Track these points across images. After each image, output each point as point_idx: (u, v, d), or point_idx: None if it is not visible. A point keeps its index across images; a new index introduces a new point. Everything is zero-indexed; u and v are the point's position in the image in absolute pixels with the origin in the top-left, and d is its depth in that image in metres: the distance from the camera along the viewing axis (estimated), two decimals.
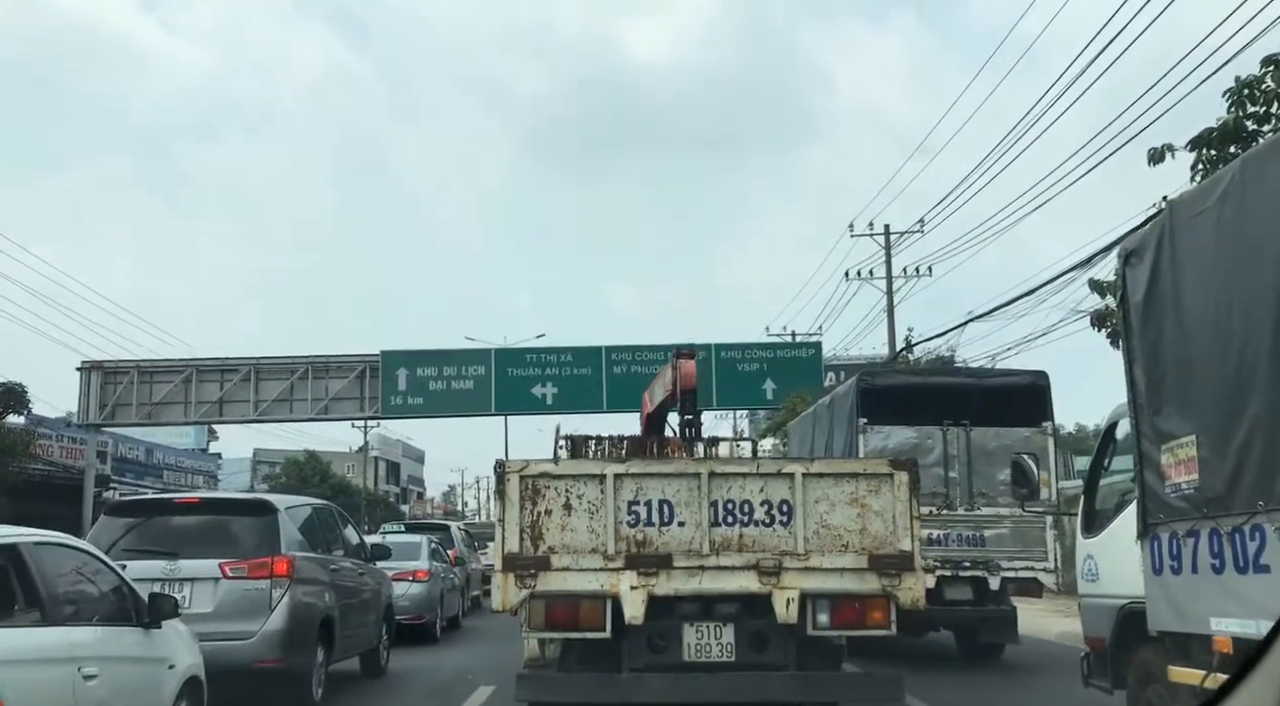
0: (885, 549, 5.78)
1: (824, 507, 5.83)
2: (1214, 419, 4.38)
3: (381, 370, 27.44)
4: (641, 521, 5.83)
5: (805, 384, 24.65)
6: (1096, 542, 6.34)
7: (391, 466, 74.12)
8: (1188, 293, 4.61)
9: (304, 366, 27.91)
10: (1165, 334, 4.80)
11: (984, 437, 10.14)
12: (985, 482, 9.99)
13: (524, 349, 28.54)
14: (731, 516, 5.81)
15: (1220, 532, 4.27)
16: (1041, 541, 9.86)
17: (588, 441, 8.47)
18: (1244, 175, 4.20)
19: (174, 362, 28.76)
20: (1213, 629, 4.37)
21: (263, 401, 28.00)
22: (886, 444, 9.98)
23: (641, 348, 27.61)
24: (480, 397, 27.54)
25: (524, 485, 5.81)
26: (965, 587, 9.88)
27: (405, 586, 12.49)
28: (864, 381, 10.70)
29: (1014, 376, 10.94)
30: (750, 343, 28.66)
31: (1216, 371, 4.34)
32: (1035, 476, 7.39)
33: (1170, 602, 4.76)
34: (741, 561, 5.77)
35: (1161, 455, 4.79)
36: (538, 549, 5.77)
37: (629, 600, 5.71)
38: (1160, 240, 4.82)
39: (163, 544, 7.32)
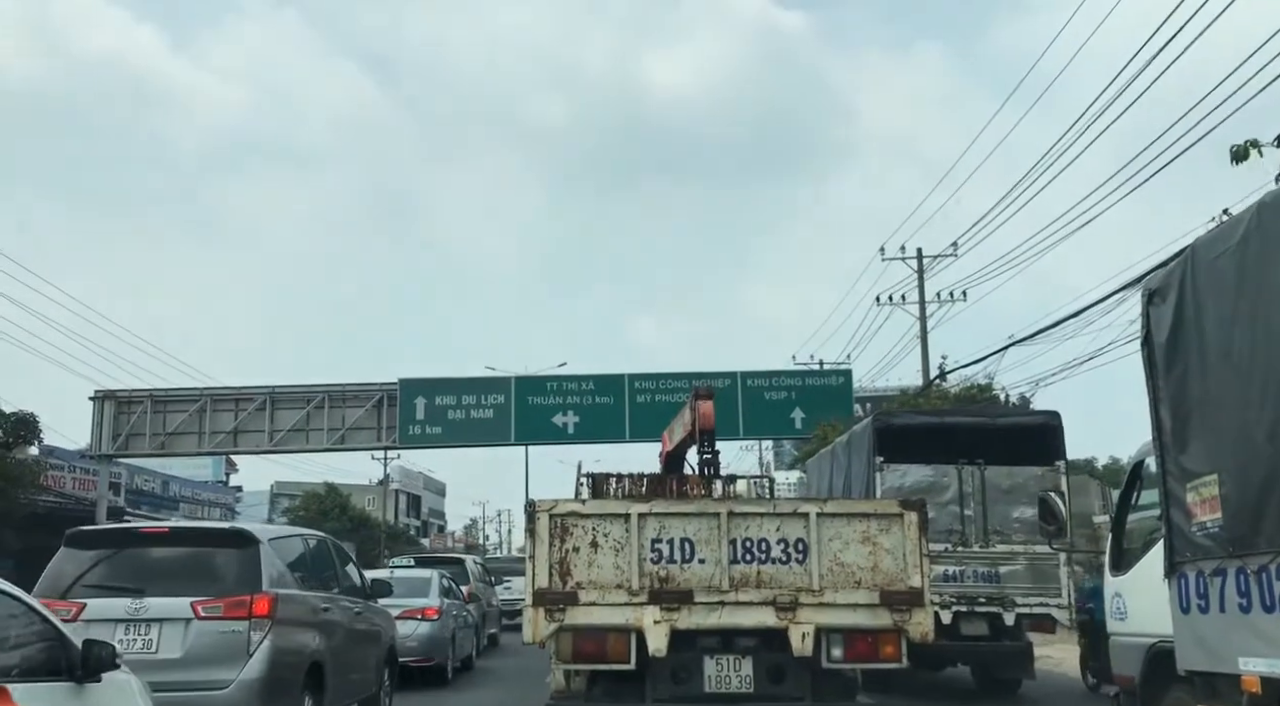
0: (896, 585, 6.28)
1: (838, 545, 6.35)
2: (1236, 458, 4.63)
3: (400, 399, 28.07)
4: (664, 558, 6.36)
5: (836, 413, 25.02)
6: (1125, 580, 6.65)
7: (412, 499, 76.95)
8: (1210, 332, 4.89)
9: (320, 395, 28.63)
10: (1189, 373, 5.08)
11: (998, 476, 10.76)
12: (1000, 520, 10.62)
13: (544, 377, 29.16)
14: (750, 554, 6.33)
15: (1246, 571, 4.49)
16: (1055, 578, 10.40)
17: (609, 479, 9.05)
18: (1261, 218, 4.53)
19: (188, 392, 29.62)
20: (1241, 669, 4.54)
21: (278, 431, 28.70)
22: (903, 482, 10.60)
23: (665, 376, 28.19)
24: (500, 427, 28.10)
25: (553, 523, 6.36)
26: (981, 623, 10.42)
27: (413, 625, 12.26)
28: (880, 421, 11.46)
29: (1027, 416, 11.79)
30: (778, 371, 29.16)
31: (1238, 410, 4.60)
32: (1063, 514, 7.91)
33: (1198, 642, 4.96)
34: (759, 597, 6.27)
35: (1187, 493, 5.05)
36: (566, 584, 6.34)
37: (653, 633, 6.22)
38: (1183, 280, 5.13)
39: (128, 579, 6.78)
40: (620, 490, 9.25)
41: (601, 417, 27.76)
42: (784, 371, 29.44)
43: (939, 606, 10.00)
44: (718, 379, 27.77)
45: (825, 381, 28.31)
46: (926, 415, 12.99)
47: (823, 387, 27.81)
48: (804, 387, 27.89)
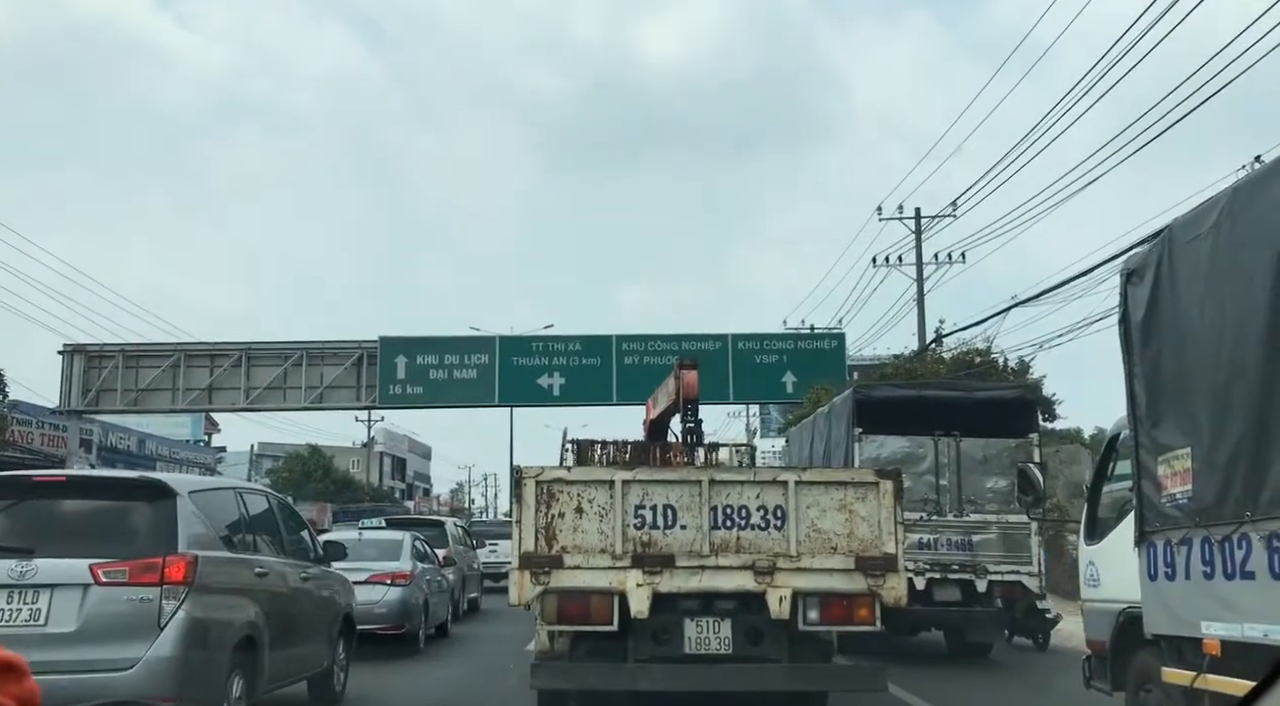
0: (871, 551, 6.96)
1: (815, 513, 7.01)
2: (1206, 432, 5.09)
3: (380, 357, 28.58)
4: (647, 524, 7.02)
5: (828, 377, 25.67)
6: (1098, 549, 7.23)
7: (398, 462, 79.11)
8: (1184, 312, 5.34)
9: (298, 352, 29.13)
10: (1163, 351, 5.56)
11: (973, 448, 11.65)
12: (974, 490, 11.53)
13: (530, 337, 29.63)
14: (730, 520, 6.99)
15: (1211, 541, 4.96)
16: (1026, 546, 11.35)
17: (593, 446, 9.71)
18: (1234, 203, 4.91)
19: (161, 347, 30.04)
20: (1203, 632, 5.04)
21: (254, 388, 29.20)
22: (880, 452, 11.52)
23: (654, 337, 28.78)
24: (483, 388, 28.69)
25: (539, 490, 7.00)
26: (954, 589, 11.34)
27: (383, 591, 12.17)
28: (859, 393, 12.38)
29: (1003, 390, 12.77)
30: (769, 333, 29.89)
31: (1208, 388, 5.06)
32: (1040, 485, 8.66)
33: (1164, 607, 5.47)
34: (739, 562, 6.95)
35: (1158, 466, 5.55)
36: (552, 548, 6.98)
37: (635, 596, 6.89)
38: (1160, 261, 5.57)
39: (16, 537, 6.00)
40: (605, 457, 9.94)
41: (588, 380, 28.37)
42: (775, 334, 30.15)
43: (913, 573, 10.92)
44: (707, 341, 28.43)
45: (818, 345, 28.96)
46: (905, 388, 13.95)
47: (815, 351, 28.48)
48: (796, 351, 28.57)
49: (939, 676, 10.85)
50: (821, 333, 30.01)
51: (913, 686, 9.52)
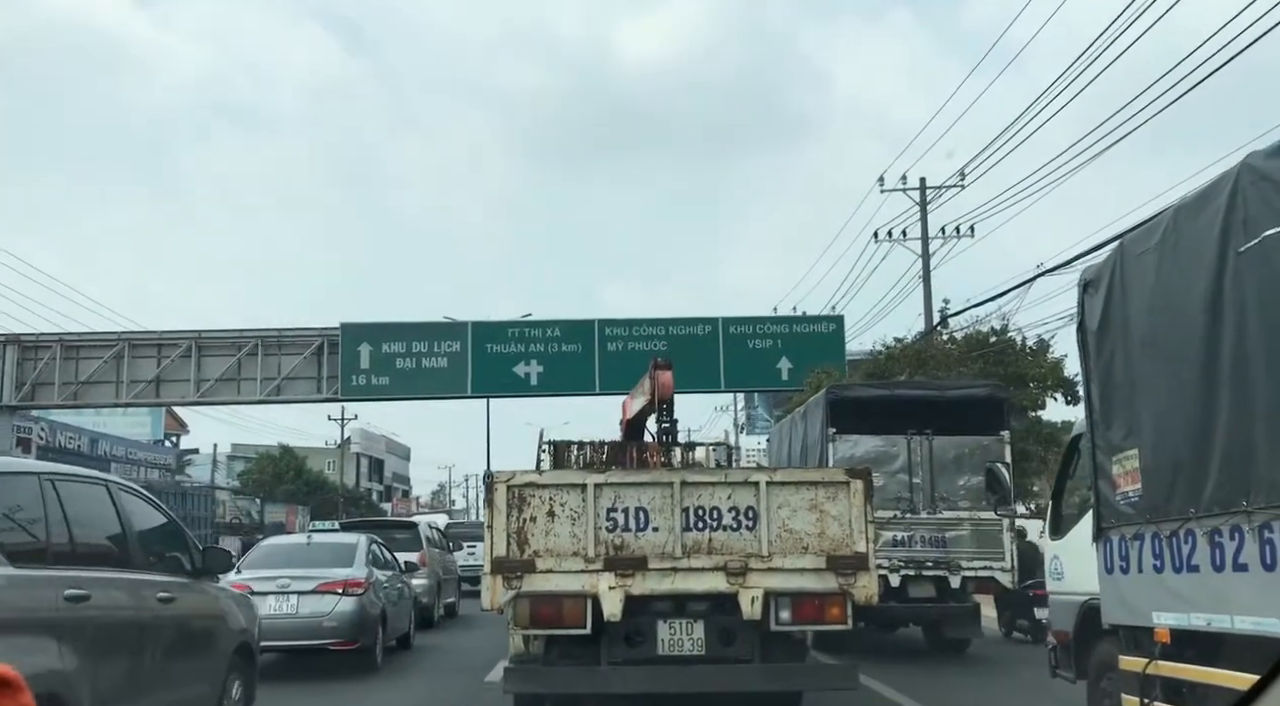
0: (842, 550, 7.75)
1: (786, 513, 7.80)
2: (1153, 435, 5.99)
3: (341, 345, 29.27)
4: (619, 527, 7.80)
5: (827, 362, 26.46)
6: (1062, 544, 8.26)
7: (375, 463, 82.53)
8: (1133, 321, 6.24)
9: (252, 341, 29.79)
10: (1114, 357, 6.48)
11: (945, 446, 12.89)
12: (947, 488, 12.72)
13: (505, 323, 30.26)
14: (702, 522, 7.77)
15: (1160, 536, 5.84)
16: (999, 543, 12.49)
17: (570, 447, 10.51)
18: (1176, 221, 5.77)
19: (103, 336, 30.60)
20: (1154, 622, 5.92)
21: (205, 381, 29.89)
22: (854, 451, 12.66)
23: (640, 322, 29.58)
24: (455, 378, 29.42)
25: (511, 494, 7.77)
26: (928, 586, 12.54)
27: (332, 601, 12.11)
28: (833, 393, 13.67)
29: (974, 388, 14.01)
30: (763, 317, 30.69)
31: (1155, 393, 5.96)
32: (1008, 482, 9.71)
33: (1120, 599, 6.40)
34: (710, 563, 7.72)
35: (1112, 465, 6.47)
36: (524, 553, 7.74)
37: (608, 599, 7.67)
38: (1113, 273, 6.47)
39: None
40: (581, 458, 10.73)
41: (569, 368, 29.10)
42: (770, 318, 30.93)
43: (888, 570, 12.08)
44: (697, 326, 29.23)
45: (815, 328, 29.73)
46: (878, 387, 15.30)
47: (812, 336, 29.28)
48: (792, 335, 29.39)
49: (916, 671, 12.00)
50: (819, 316, 30.69)
51: (890, 681, 10.64)
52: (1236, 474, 5.14)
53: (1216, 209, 5.31)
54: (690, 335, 29.12)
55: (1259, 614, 5.02)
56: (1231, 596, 5.22)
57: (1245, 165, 5.15)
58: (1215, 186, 5.43)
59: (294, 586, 12.20)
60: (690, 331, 29.16)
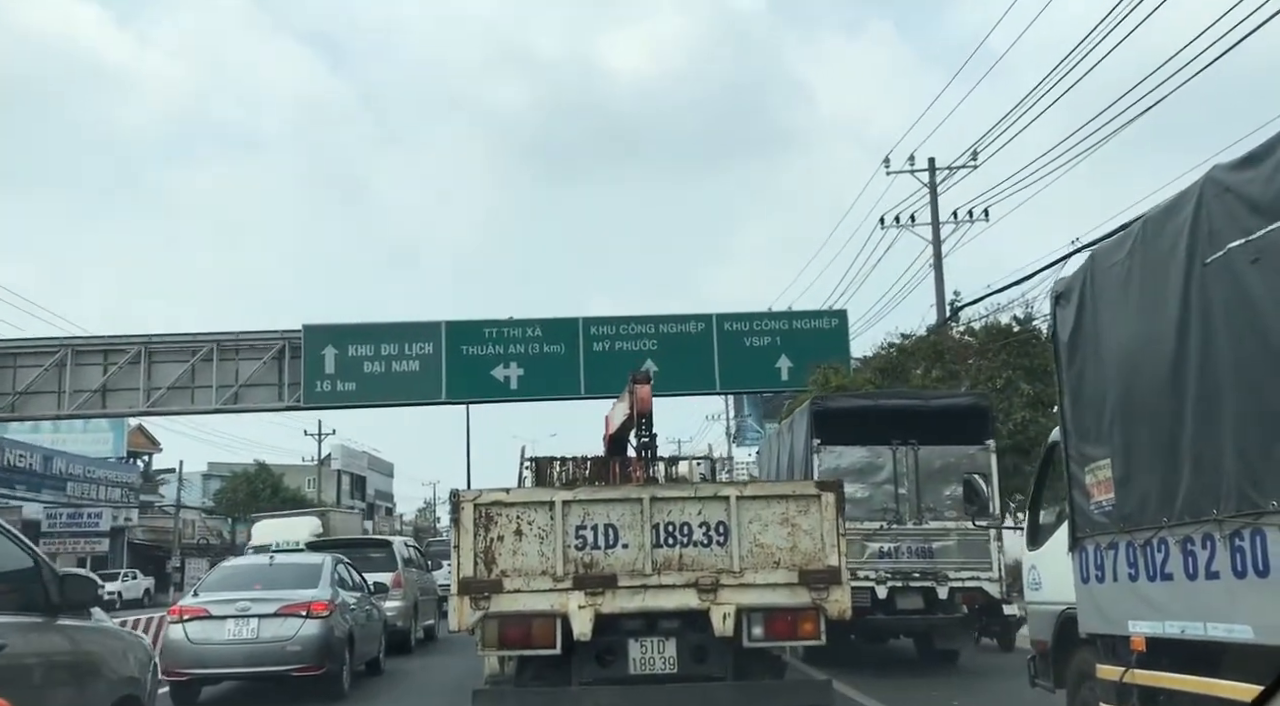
0: (814, 564, 8.38)
1: (757, 527, 8.43)
2: (1124, 444, 6.53)
3: (304, 349, 29.90)
4: (588, 544, 8.42)
5: (830, 359, 27.14)
6: (1039, 554, 8.90)
7: (356, 480, 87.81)
8: (1104, 333, 6.81)
9: (207, 345, 30.38)
10: (1086, 368, 7.08)
11: (930, 456, 13.84)
12: (933, 498, 13.63)
13: (481, 322, 30.81)
14: (672, 538, 8.40)
15: (1134, 545, 6.38)
16: (986, 553, 13.40)
17: (552, 463, 11.16)
18: (1145, 233, 6.34)
19: (44, 342, 31.19)
20: (1130, 631, 6.44)
21: (156, 389, 30.48)
22: (839, 463, 13.59)
23: (627, 320, 30.27)
24: (428, 382, 30.06)
25: (478, 513, 8.39)
26: (916, 597, 13.41)
27: (296, 625, 12.48)
28: (817, 404, 14.69)
29: (958, 398, 15.16)
30: (760, 312, 31.37)
31: (1125, 403, 6.51)
32: (985, 494, 10.63)
33: (1096, 608, 6.97)
34: (682, 579, 8.35)
35: (1085, 475, 7.07)
36: (491, 572, 8.36)
37: (577, 618, 8.28)
38: (1084, 285, 7.07)
39: None
40: (564, 474, 11.39)
41: (551, 370, 29.78)
42: (768, 313, 31.60)
43: (875, 581, 13.01)
44: (689, 323, 29.92)
45: (816, 324, 30.40)
46: (862, 398, 16.43)
47: (813, 332, 29.96)
48: (791, 332, 30.07)
49: (902, 682, 12.86)
50: (820, 310, 31.30)
51: (879, 693, 11.44)
52: (1207, 482, 5.62)
53: (1183, 221, 5.84)
54: (682, 334, 29.80)
55: (1231, 620, 5.49)
56: (1204, 604, 5.71)
57: (1209, 178, 5.62)
58: (1181, 199, 5.95)
59: (254, 609, 12.59)
60: (682, 329, 29.85)
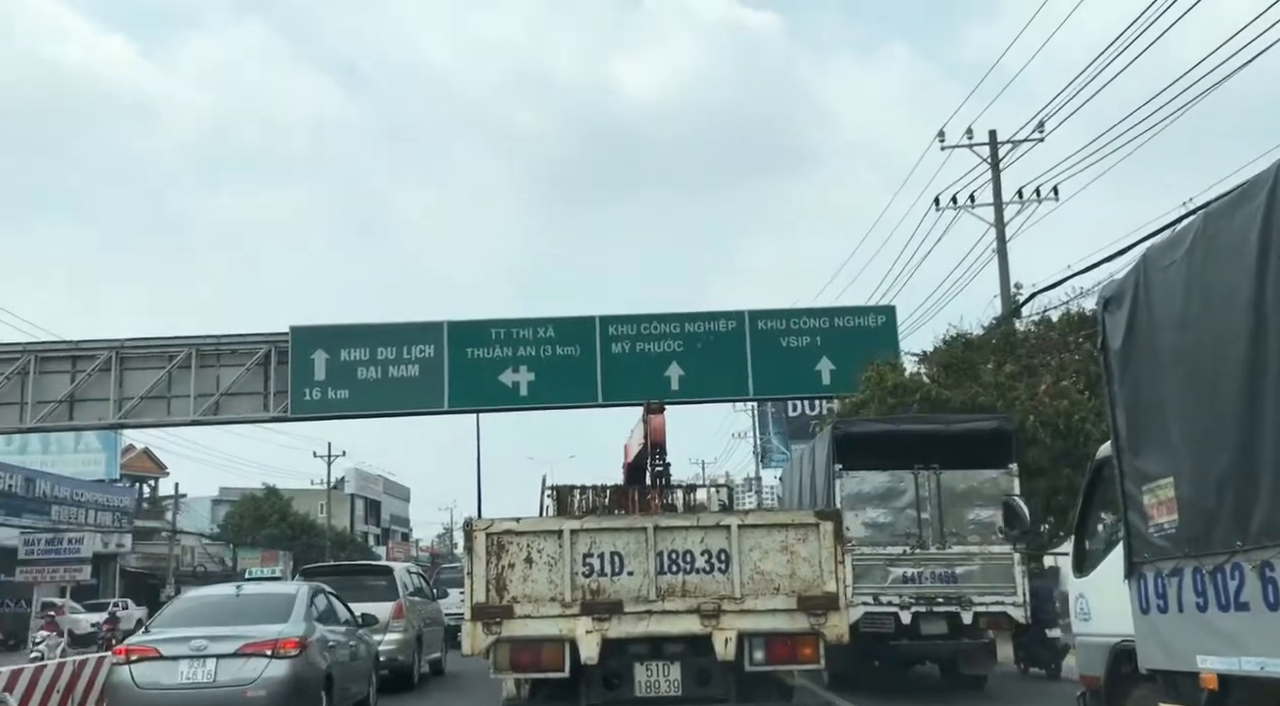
0: (813, 591, 10.70)
1: (757, 555, 10.78)
2: (1190, 460, 6.78)
3: (291, 353, 32.05)
4: (595, 572, 10.80)
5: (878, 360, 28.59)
6: (1088, 582, 9.75)
7: (371, 505, 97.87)
8: (1162, 339, 7.16)
9: (185, 350, 32.64)
10: (1143, 378, 7.47)
11: (953, 480, 16.24)
12: (955, 522, 15.98)
13: (488, 322, 32.81)
14: (676, 565, 10.77)
15: (1202, 571, 6.62)
16: (1010, 577, 15.69)
17: (573, 491, 13.57)
18: (1206, 229, 6.72)
19: (4, 348, 33.37)
20: (1199, 666, 6.62)
21: (128, 398, 32.67)
22: (861, 488, 16.09)
23: (649, 318, 32.34)
24: (428, 389, 32.10)
25: (490, 541, 10.79)
26: (940, 622, 15.70)
27: (260, 665, 12.69)
28: (838, 429, 17.16)
29: (981, 422, 17.50)
30: (798, 309, 33.28)
31: (1190, 415, 6.79)
32: (1026, 516, 12.33)
33: (1158, 641, 7.27)
34: (685, 606, 10.70)
35: (1143, 495, 7.45)
36: (502, 598, 10.74)
37: (585, 643, 10.64)
38: (1137, 287, 7.50)
39: None
40: (585, 502, 13.78)
41: (565, 374, 31.81)
42: (806, 309, 33.39)
43: (899, 607, 15.40)
44: (719, 321, 32.05)
45: (861, 321, 32.25)
46: (884, 422, 18.99)
47: (858, 330, 31.83)
48: (833, 331, 31.97)
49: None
50: (866, 306, 33.17)
51: None
52: None
53: (1254, 211, 6.21)
54: (711, 333, 31.81)
55: None
56: None
57: None
58: (1252, 187, 6.34)
59: (212, 648, 12.80)
60: (710, 328, 31.86)
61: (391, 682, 19.01)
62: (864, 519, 15.97)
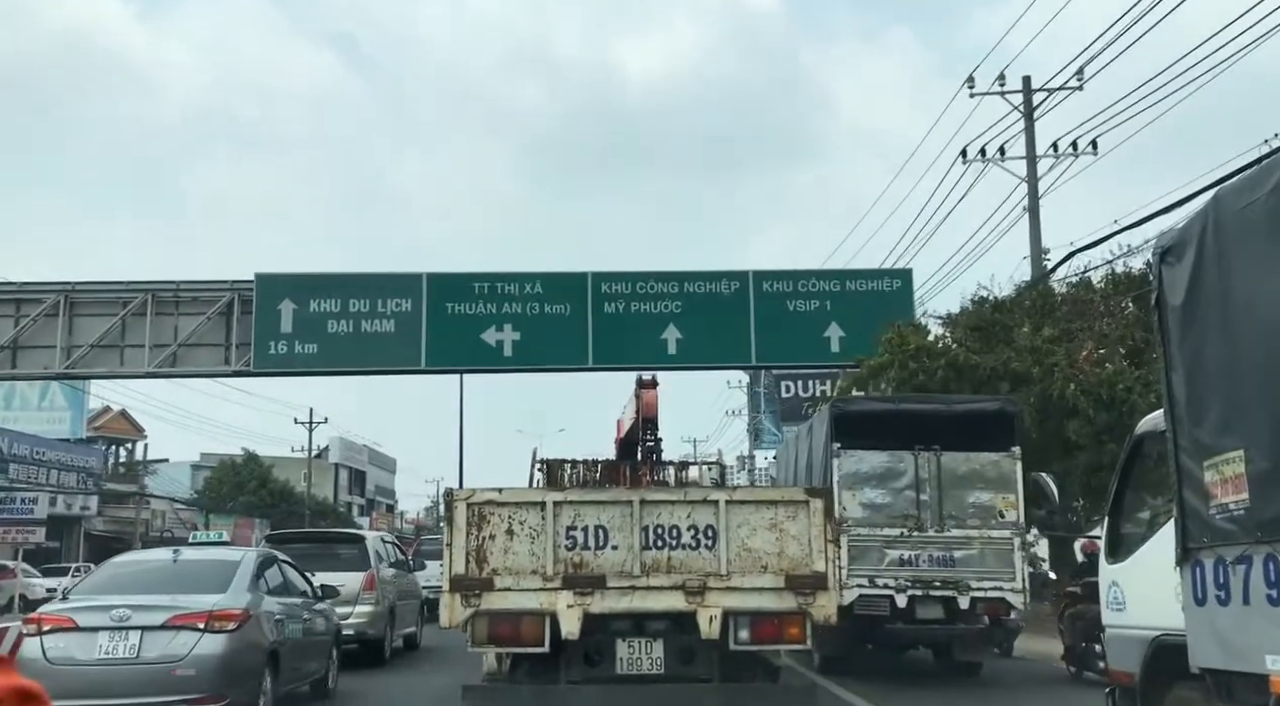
0: (801, 570, 11.40)
1: (745, 532, 11.48)
2: (1266, 431, 6.45)
3: (256, 302, 32.51)
4: (578, 545, 11.49)
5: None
6: (1123, 568, 9.61)
7: (356, 475, 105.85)
8: (1236, 291, 6.79)
9: (140, 296, 33.11)
10: (1209, 337, 7.13)
11: (954, 462, 17.31)
12: (955, 505, 16.95)
13: (470, 275, 33.35)
14: (661, 540, 11.46)
15: (1276, 558, 6.32)
16: (1010, 562, 16.68)
17: (563, 465, 14.29)
18: None
19: None
20: (1269, 668, 6.30)
21: (77, 347, 33.09)
22: (859, 467, 17.09)
23: (645, 275, 32.94)
24: (405, 346, 32.60)
25: (470, 512, 11.49)
26: (936, 607, 16.70)
27: (189, 640, 12.34)
28: (837, 408, 18.19)
29: (983, 402, 18.60)
30: (807, 270, 33.82)
31: (1266, 377, 6.45)
32: (1055, 496, 12.55)
33: (1217, 637, 6.94)
34: (669, 582, 11.40)
35: (1205, 472, 7.12)
36: (482, 570, 11.44)
37: (565, 617, 11.33)
38: (1203, 235, 7.15)
39: None
40: (575, 476, 14.46)
41: (553, 334, 32.38)
42: (816, 271, 34.02)
43: (895, 590, 16.38)
44: (721, 281, 32.71)
45: (875, 285, 32.86)
46: (884, 401, 20.11)
47: (872, 295, 32.46)
48: (844, 294, 32.59)
49: (919, 695, 16.46)
50: (880, 269, 33.84)
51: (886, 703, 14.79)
52: None
53: None
54: (711, 295, 32.43)
55: None
56: None
57: None
58: None
59: (136, 619, 12.35)
60: (711, 289, 32.46)
61: (360, 657, 19.58)
62: (861, 499, 16.88)
